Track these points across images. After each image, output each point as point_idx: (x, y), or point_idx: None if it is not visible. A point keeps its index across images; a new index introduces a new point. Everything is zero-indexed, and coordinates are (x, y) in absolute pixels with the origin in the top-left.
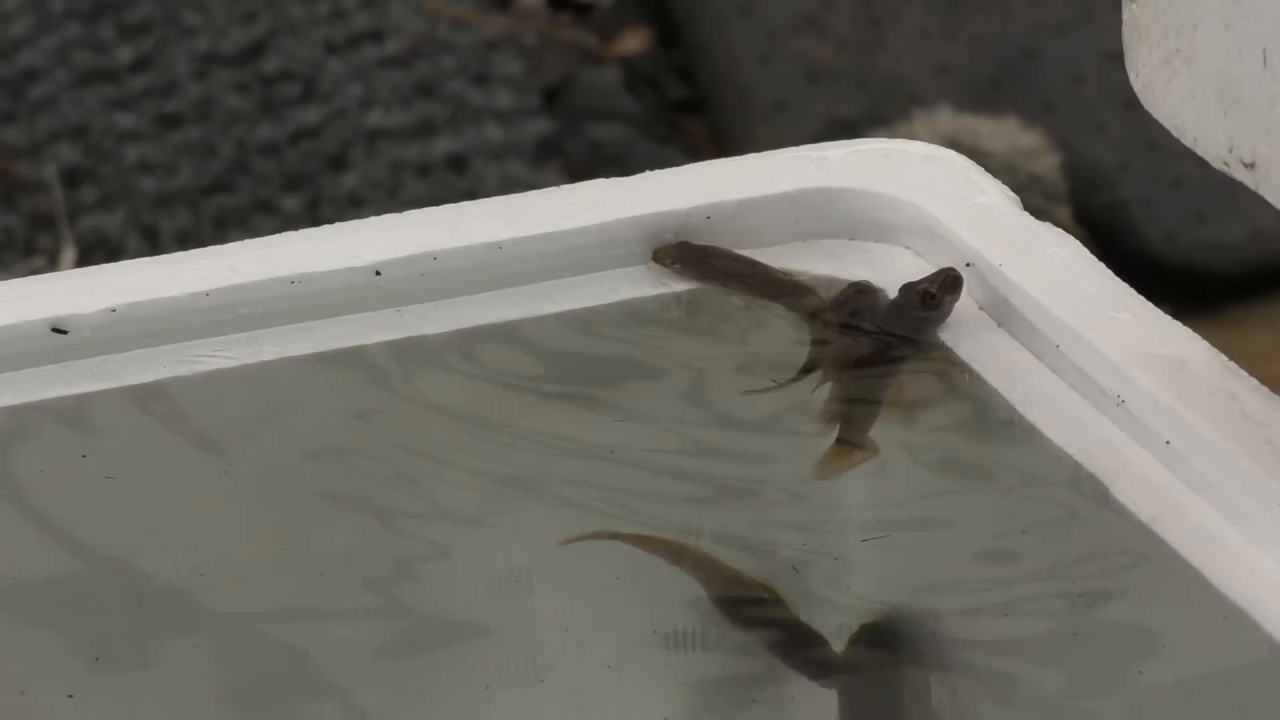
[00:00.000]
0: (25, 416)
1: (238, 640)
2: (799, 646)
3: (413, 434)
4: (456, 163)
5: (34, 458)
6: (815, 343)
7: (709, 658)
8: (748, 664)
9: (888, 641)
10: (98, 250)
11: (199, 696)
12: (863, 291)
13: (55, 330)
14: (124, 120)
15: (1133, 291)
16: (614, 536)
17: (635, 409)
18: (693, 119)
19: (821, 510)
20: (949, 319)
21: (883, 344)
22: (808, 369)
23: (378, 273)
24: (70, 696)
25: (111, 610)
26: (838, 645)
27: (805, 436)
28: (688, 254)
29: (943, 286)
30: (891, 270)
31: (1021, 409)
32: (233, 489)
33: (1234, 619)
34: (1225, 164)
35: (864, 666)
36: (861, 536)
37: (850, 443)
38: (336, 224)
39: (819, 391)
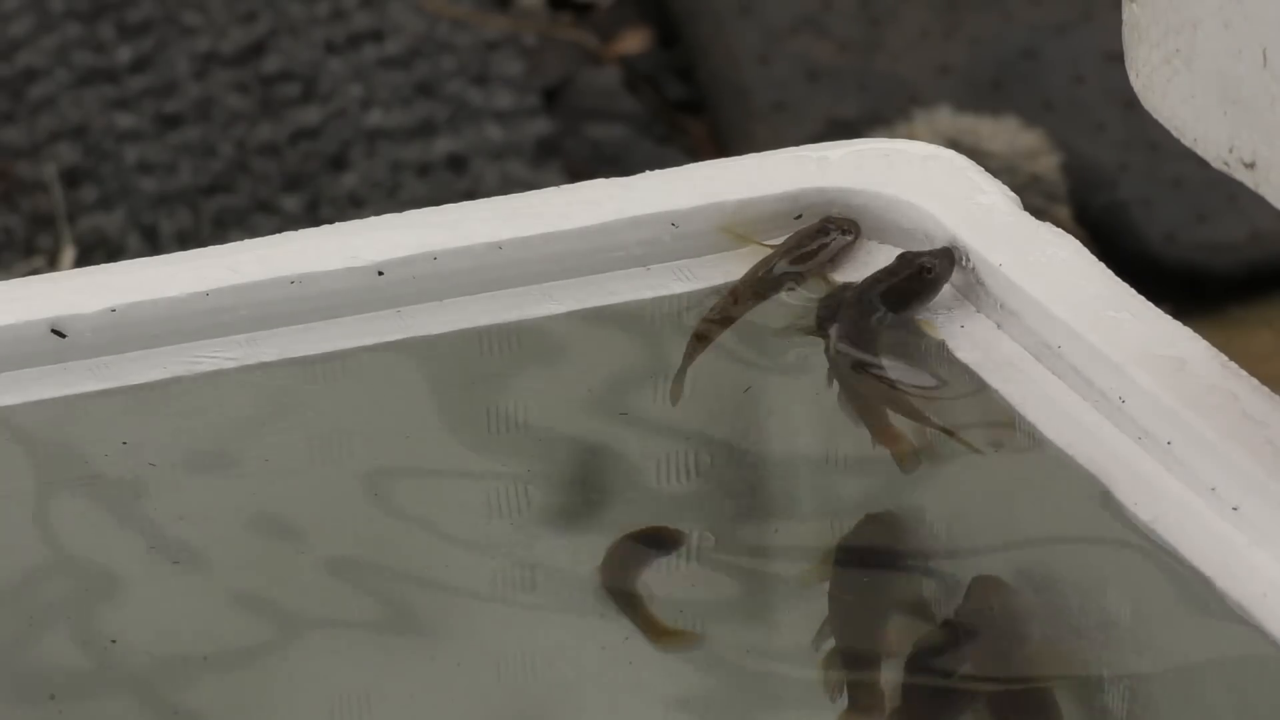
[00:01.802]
0: (26, 415)
1: (237, 636)
2: None
3: (413, 433)
4: (456, 163)
5: (34, 456)
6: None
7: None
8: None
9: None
10: (98, 250)
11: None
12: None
13: (54, 331)
14: (124, 120)
15: (1133, 291)
16: None
17: (635, 409)
18: (693, 119)
19: (815, 506)
20: (941, 314)
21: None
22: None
23: (380, 273)
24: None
25: (114, 609)
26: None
27: (804, 435)
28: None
29: (938, 258)
30: None
31: (1021, 409)
32: (233, 488)
33: (1234, 619)
34: (1225, 164)
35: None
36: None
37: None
38: (336, 224)
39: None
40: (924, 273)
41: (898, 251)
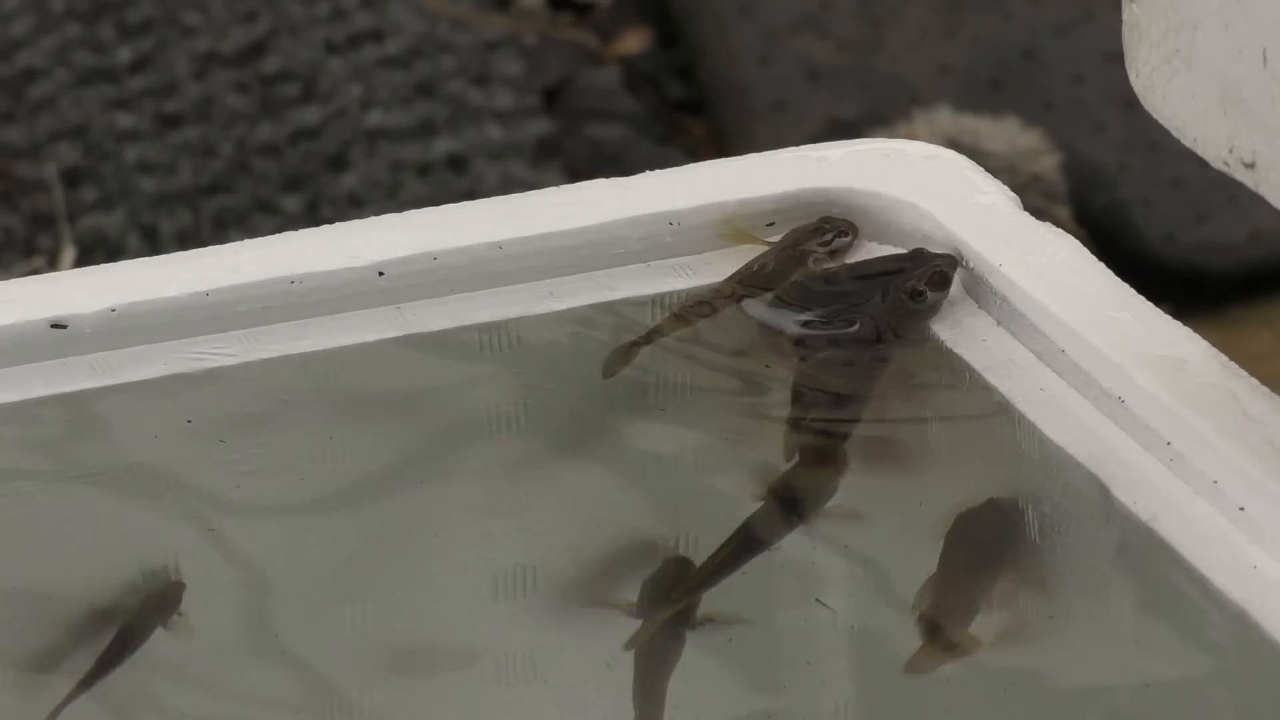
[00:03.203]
0: (26, 414)
1: (239, 636)
2: None
3: (412, 431)
4: (456, 163)
5: (35, 455)
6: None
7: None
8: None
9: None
10: (98, 250)
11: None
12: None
13: (55, 326)
14: (124, 120)
15: (1133, 291)
16: None
17: (634, 409)
18: (693, 119)
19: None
20: (942, 314)
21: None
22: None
23: (380, 273)
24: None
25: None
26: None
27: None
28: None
29: (930, 282)
30: None
31: (1021, 409)
32: (232, 485)
33: (1234, 619)
34: (1225, 164)
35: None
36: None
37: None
38: (336, 224)
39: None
40: (915, 297)
41: (898, 250)
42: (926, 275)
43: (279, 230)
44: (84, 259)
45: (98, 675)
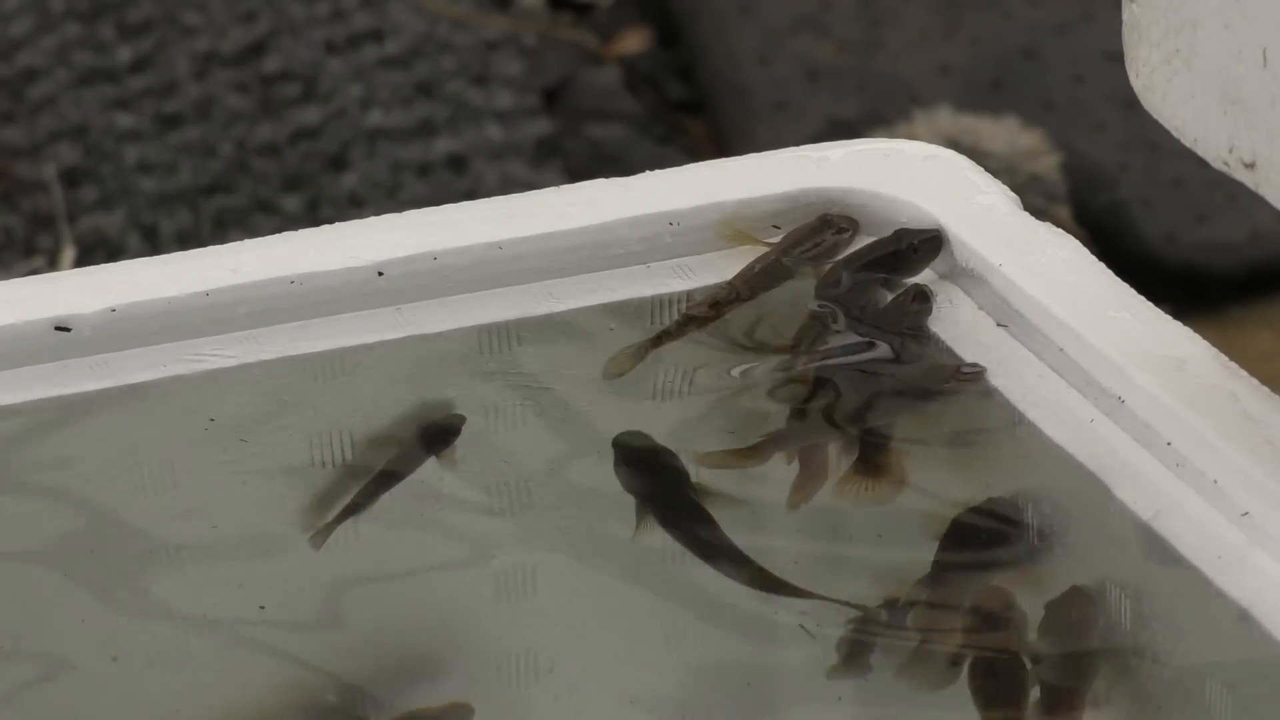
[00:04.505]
0: (26, 414)
1: (241, 639)
2: None
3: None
4: (456, 163)
5: (34, 455)
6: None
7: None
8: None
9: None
10: (98, 250)
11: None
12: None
13: (58, 329)
14: (124, 120)
15: (1133, 291)
16: None
17: (634, 409)
18: (693, 119)
19: (816, 506)
20: (942, 314)
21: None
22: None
23: (380, 273)
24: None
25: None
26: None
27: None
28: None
29: (914, 301)
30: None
31: (1022, 409)
32: (232, 486)
33: (1234, 619)
34: (1225, 164)
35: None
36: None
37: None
38: (336, 224)
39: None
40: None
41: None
42: (908, 298)
43: (279, 230)
44: (84, 259)
45: (370, 497)
